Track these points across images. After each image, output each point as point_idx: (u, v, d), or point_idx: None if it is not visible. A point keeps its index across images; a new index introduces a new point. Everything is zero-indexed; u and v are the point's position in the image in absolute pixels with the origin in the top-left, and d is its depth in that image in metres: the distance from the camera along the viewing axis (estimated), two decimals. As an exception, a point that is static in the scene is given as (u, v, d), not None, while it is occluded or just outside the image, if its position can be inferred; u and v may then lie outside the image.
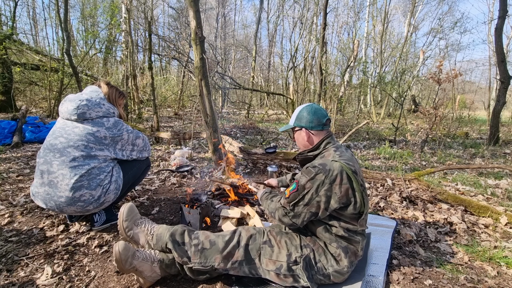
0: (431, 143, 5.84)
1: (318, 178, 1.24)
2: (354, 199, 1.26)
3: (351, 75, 12.93)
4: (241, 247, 1.32)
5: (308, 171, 1.28)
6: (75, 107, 1.67)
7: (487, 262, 1.65)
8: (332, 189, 1.23)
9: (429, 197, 2.46)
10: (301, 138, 1.47)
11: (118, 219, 1.47)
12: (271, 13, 20.02)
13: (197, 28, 2.95)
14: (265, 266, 1.30)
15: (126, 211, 1.46)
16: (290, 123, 1.52)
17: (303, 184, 1.26)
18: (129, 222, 1.46)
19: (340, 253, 1.30)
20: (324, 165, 1.25)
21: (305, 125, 1.43)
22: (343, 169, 1.24)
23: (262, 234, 1.39)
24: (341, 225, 1.30)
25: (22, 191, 2.52)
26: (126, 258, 1.25)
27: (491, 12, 16.12)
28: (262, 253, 1.32)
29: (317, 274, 1.29)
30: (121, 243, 1.27)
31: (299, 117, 1.45)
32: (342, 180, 1.23)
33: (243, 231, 1.39)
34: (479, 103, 12.87)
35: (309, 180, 1.25)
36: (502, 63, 6.00)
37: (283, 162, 3.51)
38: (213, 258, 1.29)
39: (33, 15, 16.52)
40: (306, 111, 1.43)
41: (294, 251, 1.31)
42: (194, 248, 1.30)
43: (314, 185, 1.24)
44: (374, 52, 16.76)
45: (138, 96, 7.65)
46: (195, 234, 1.37)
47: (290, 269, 1.27)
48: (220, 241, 1.33)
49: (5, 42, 6.41)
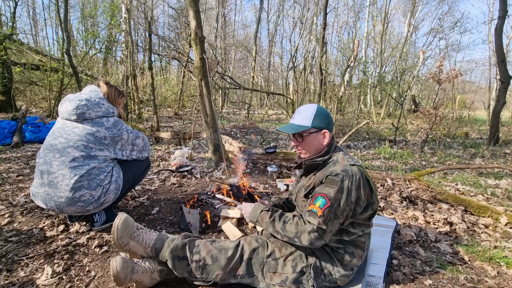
0: (431, 143, 5.84)
1: (345, 186, 1.16)
2: (372, 199, 1.24)
3: (351, 75, 12.93)
4: (243, 262, 1.27)
5: (332, 180, 1.18)
6: (75, 107, 1.67)
7: (487, 262, 1.65)
8: (358, 194, 1.19)
9: (429, 197, 2.46)
10: (317, 141, 1.31)
11: (112, 235, 1.32)
12: (271, 13, 20.04)
13: (197, 28, 2.95)
14: (269, 280, 1.24)
15: (120, 227, 1.29)
16: (304, 123, 1.30)
17: (334, 196, 1.16)
18: (124, 238, 1.31)
19: (347, 257, 1.27)
20: (347, 171, 1.19)
21: (326, 126, 1.30)
22: (362, 172, 1.21)
23: (265, 247, 1.31)
24: (355, 230, 1.27)
25: (22, 191, 2.52)
26: (125, 276, 1.21)
27: (491, 12, 16.12)
28: (266, 267, 1.26)
29: (323, 282, 1.26)
30: (119, 259, 1.22)
31: (318, 117, 1.29)
32: (364, 184, 1.20)
33: (246, 245, 1.31)
34: (479, 103, 12.87)
35: (338, 191, 1.16)
36: (502, 63, 5.99)
37: (283, 162, 3.51)
38: (215, 274, 1.24)
39: (33, 15, 16.55)
40: (321, 110, 1.30)
41: (300, 261, 1.26)
42: (195, 264, 1.25)
43: (344, 194, 1.16)
44: (374, 52, 16.76)
45: (138, 96, 7.65)
46: (196, 248, 1.29)
47: (296, 281, 1.22)
48: (222, 257, 1.26)
49: (5, 42, 6.41)
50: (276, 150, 3.43)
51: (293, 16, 18.96)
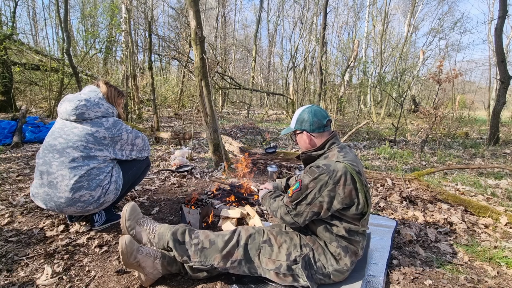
0: (431, 143, 5.84)
1: (321, 179, 1.23)
2: (357, 200, 1.26)
3: (351, 75, 12.94)
4: (240, 247, 1.32)
5: (311, 171, 1.27)
6: (74, 108, 1.67)
7: (487, 262, 1.65)
8: (336, 190, 1.23)
9: (429, 197, 2.46)
10: (303, 141, 1.48)
11: (120, 218, 1.48)
12: (271, 13, 20.03)
13: (197, 28, 2.95)
14: (265, 265, 1.30)
15: (128, 211, 1.48)
16: (291, 126, 1.51)
17: (306, 183, 1.26)
18: (131, 222, 1.48)
19: (340, 252, 1.30)
20: (328, 166, 1.25)
21: (306, 128, 1.43)
22: (347, 170, 1.24)
23: (261, 233, 1.39)
24: (343, 225, 1.30)
25: (22, 191, 2.52)
26: (131, 251, 1.27)
27: (491, 12, 16.10)
28: (262, 252, 1.32)
29: (316, 274, 1.29)
30: (127, 236, 1.29)
31: (299, 120, 1.45)
32: (346, 181, 1.23)
33: (243, 231, 1.40)
34: (479, 103, 12.86)
35: (313, 180, 1.25)
36: (502, 63, 5.99)
37: (283, 162, 3.51)
38: (213, 258, 1.30)
39: (33, 15, 16.54)
40: (307, 113, 1.43)
41: (294, 250, 1.31)
42: (194, 247, 1.32)
43: (317, 185, 1.24)
44: (374, 52, 16.77)
45: (138, 96, 7.65)
46: (196, 233, 1.38)
47: (290, 268, 1.27)
48: (219, 241, 1.34)
49: (5, 42, 6.41)
50: (276, 150, 3.43)
51: (293, 16, 18.99)
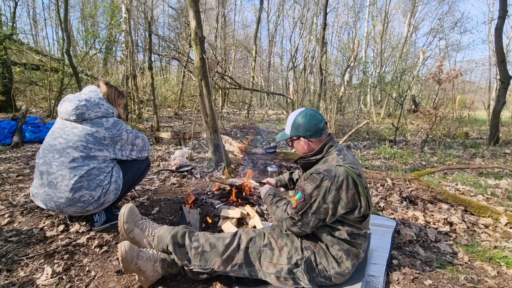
0: (431, 143, 5.84)
1: (324, 185, 1.21)
2: (360, 203, 1.24)
3: (351, 75, 12.93)
4: (241, 250, 1.31)
5: (313, 178, 1.24)
6: (74, 108, 1.67)
7: (487, 262, 1.65)
8: (339, 195, 1.21)
9: (429, 197, 2.46)
10: (300, 147, 1.44)
11: (118, 221, 1.46)
12: (271, 13, 20.02)
13: (197, 28, 2.94)
14: (266, 269, 1.28)
15: (126, 213, 1.45)
16: (286, 132, 1.46)
17: (310, 192, 1.23)
18: (129, 224, 1.45)
19: (342, 255, 1.29)
20: (329, 171, 1.22)
21: (303, 134, 1.38)
22: (348, 174, 1.22)
23: (262, 236, 1.37)
24: (345, 229, 1.28)
25: (22, 191, 2.52)
26: (131, 258, 1.25)
27: (491, 12, 16.12)
28: (263, 256, 1.31)
29: (318, 277, 1.28)
30: (127, 243, 1.27)
31: (295, 126, 1.40)
32: (348, 185, 1.21)
33: (243, 234, 1.37)
34: (479, 103, 12.85)
35: (316, 188, 1.22)
36: (502, 63, 5.99)
37: (283, 162, 3.51)
38: (213, 261, 1.29)
39: (33, 15, 16.53)
40: (302, 118, 1.38)
41: (295, 253, 1.30)
42: (194, 250, 1.30)
43: (321, 192, 1.22)
44: (374, 52, 16.77)
45: (138, 96, 7.65)
46: (196, 236, 1.36)
47: (291, 272, 1.26)
48: (220, 244, 1.32)
49: (5, 42, 6.41)
50: (276, 150, 3.43)
51: (293, 16, 18.99)
